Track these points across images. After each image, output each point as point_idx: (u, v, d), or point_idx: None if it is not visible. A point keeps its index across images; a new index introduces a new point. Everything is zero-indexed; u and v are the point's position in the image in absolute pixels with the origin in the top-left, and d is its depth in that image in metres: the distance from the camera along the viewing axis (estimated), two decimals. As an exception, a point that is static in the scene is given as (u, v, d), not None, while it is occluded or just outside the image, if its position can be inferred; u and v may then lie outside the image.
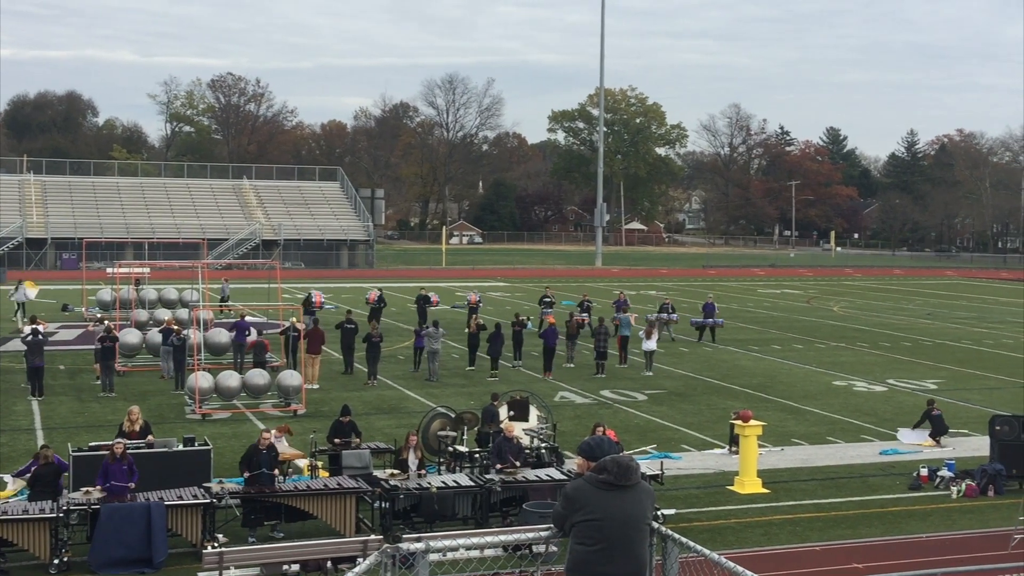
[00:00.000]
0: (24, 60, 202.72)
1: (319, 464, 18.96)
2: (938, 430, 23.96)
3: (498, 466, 17.82)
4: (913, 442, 23.98)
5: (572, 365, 33.78)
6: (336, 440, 19.56)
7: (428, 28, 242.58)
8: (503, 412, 21.25)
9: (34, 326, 28.63)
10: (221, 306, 42.42)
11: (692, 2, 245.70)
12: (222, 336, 32.16)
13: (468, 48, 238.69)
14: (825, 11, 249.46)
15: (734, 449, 21.42)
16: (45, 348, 28.31)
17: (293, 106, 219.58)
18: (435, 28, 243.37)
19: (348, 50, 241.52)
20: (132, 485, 16.18)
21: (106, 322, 31.34)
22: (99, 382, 28.77)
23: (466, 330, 34.08)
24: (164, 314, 36.98)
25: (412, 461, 17.82)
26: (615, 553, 6.34)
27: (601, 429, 18.45)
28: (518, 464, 18.05)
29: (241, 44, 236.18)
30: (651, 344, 33.31)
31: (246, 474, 16.88)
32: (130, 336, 32.37)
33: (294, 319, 32.07)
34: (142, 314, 37.23)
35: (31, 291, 43.41)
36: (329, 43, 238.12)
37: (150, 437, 18.88)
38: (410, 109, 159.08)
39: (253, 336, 31.29)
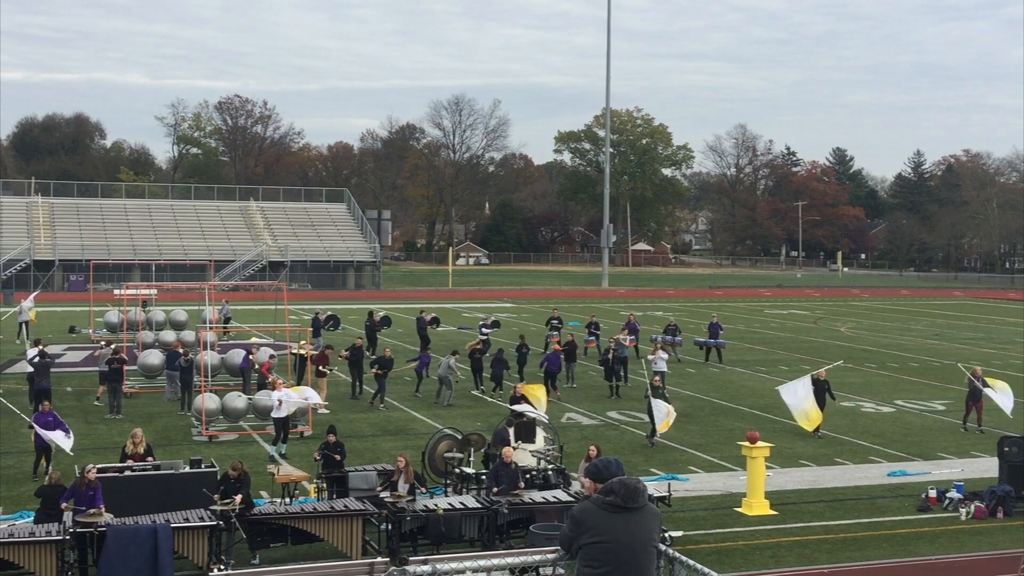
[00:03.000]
0: (36, 83, 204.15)
1: (324, 486, 18.92)
2: (821, 398, 26.04)
3: (495, 489, 17.75)
4: (797, 401, 25.19)
5: (574, 385, 33.74)
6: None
7: (436, 50, 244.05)
8: (511, 434, 21.17)
9: (40, 348, 28.68)
10: (226, 328, 42.40)
11: (699, 24, 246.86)
12: (238, 357, 32.29)
13: (475, 70, 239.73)
14: (831, 33, 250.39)
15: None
16: (52, 370, 28.34)
17: (300, 128, 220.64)
18: (443, 50, 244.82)
19: (356, 72, 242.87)
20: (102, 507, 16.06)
21: (112, 344, 31.31)
22: (99, 403, 28.76)
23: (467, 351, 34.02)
24: (170, 336, 37.10)
25: (402, 486, 17.57)
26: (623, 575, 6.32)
27: (595, 451, 18.37)
28: (521, 485, 17.98)
29: (250, 67, 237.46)
30: (662, 365, 33.12)
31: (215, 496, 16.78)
32: (151, 357, 32.63)
33: (303, 342, 32.04)
34: (149, 336, 37.28)
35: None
36: (337, 65, 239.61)
37: (151, 458, 18.87)
38: (416, 130, 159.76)
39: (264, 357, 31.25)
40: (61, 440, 20.35)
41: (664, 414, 23.98)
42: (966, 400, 28.29)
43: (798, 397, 25.22)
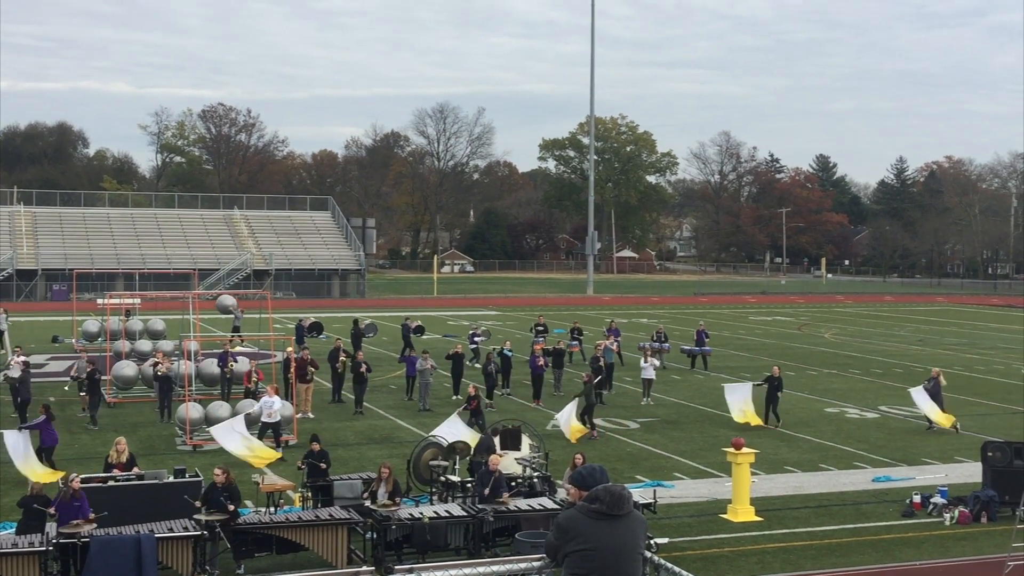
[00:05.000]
0: (20, 92, 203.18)
1: (309, 495, 18.85)
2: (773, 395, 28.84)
3: (486, 491, 17.72)
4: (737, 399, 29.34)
5: (561, 393, 33.69)
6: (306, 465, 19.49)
7: (422, 59, 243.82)
8: (496, 442, 21.15)
9: (24, 358, 28.52)
10: (232, 336, 42.07)
11: (684, 32, 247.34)
12: (212, 367, 32.11)
13: (461, 78, 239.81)
14: (816, 40, 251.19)
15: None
16: (32, 380, 28.17)
17: (284, 136, 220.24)
18: (429, 59, 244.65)
19: (342, 80, 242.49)
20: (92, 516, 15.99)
21: (86, 355, 30.94)
22: (84, 414, 28.60)
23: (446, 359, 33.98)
24: (146, 345, 36.92)
25: (382, 494, 17.55)
26: (608, 583, 6.31)
27: (580, 458, 18.36)
28: (506, 496, 17.92)
29: (236, 75, 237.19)
30: (650, 372, 33.14)
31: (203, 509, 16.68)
32: (126, 369, 32.36)
33: (289, 349, 31.91)
34: (127, 345, 37.12)
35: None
36: (323, 74, 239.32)
37: (136, 468, 18.78)
38: (401, 138, 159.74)
39: (245, 366, 31.07)
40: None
41: (566, 420, 25.90)
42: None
43: (737, 396, 29.65)
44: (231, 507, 16.41)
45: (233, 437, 21.84)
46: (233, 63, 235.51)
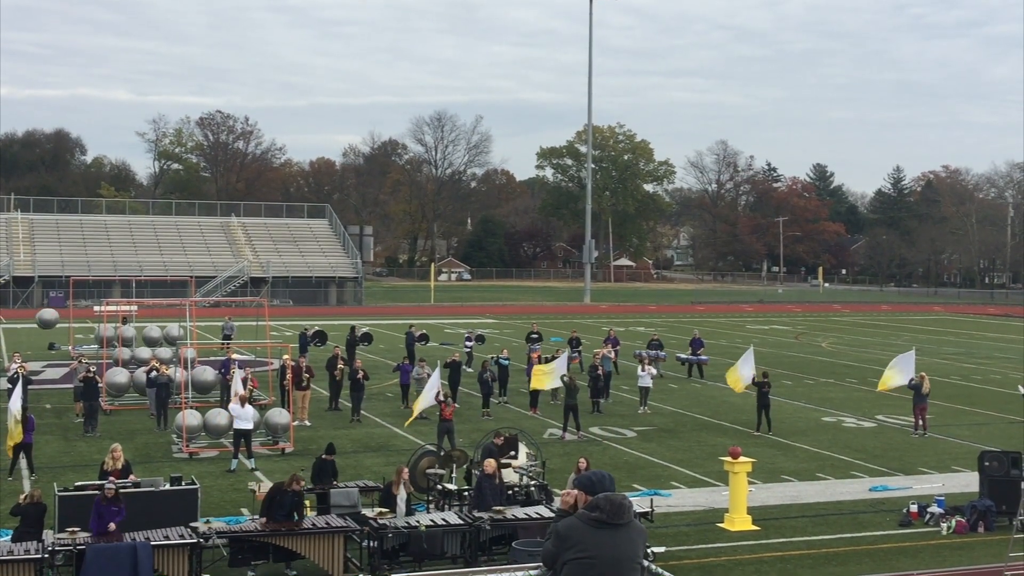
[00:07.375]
0: (18, 99, 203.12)
1: (308, 503, 18.82)
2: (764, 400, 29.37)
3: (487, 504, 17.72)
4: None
5: (557, 402, 33.65)
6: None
7: (421, 68, 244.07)
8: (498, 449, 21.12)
9: (19, 365, 28.45)
10: (223, 344, 42.04)
11: (684, 42, 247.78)
12: (208, 374, 32.04)
13: (460, 87, 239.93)
14: (814, 50, 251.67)
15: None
16: (29, 388, 28.10)
17: (282, 143, 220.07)
18: (428, 67, 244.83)
19: (341, 89, 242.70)
20: (113, 526, 16.04)
21: (84, 360, 30.89)
22: (79, 418, 28.52)
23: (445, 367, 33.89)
24: (145, 352, 36.84)
25: (402, 496, 17.68)
26: (606, 592, 6.30)
27: (584, 463, 18.37)
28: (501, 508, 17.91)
29: (236, 83, 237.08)
30: (647, 381, 33.11)
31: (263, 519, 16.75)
32: (118, 376, 32.22)
33: (286, 356, 31.85)
34: (128, 352, 37.03)
35: None
36: (323, 82, 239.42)
37: (132, 476, 18.74)
38: (399, 146, 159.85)
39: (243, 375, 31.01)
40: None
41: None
42: (913, 407, 29.89)
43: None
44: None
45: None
46: (233, 71, 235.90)
